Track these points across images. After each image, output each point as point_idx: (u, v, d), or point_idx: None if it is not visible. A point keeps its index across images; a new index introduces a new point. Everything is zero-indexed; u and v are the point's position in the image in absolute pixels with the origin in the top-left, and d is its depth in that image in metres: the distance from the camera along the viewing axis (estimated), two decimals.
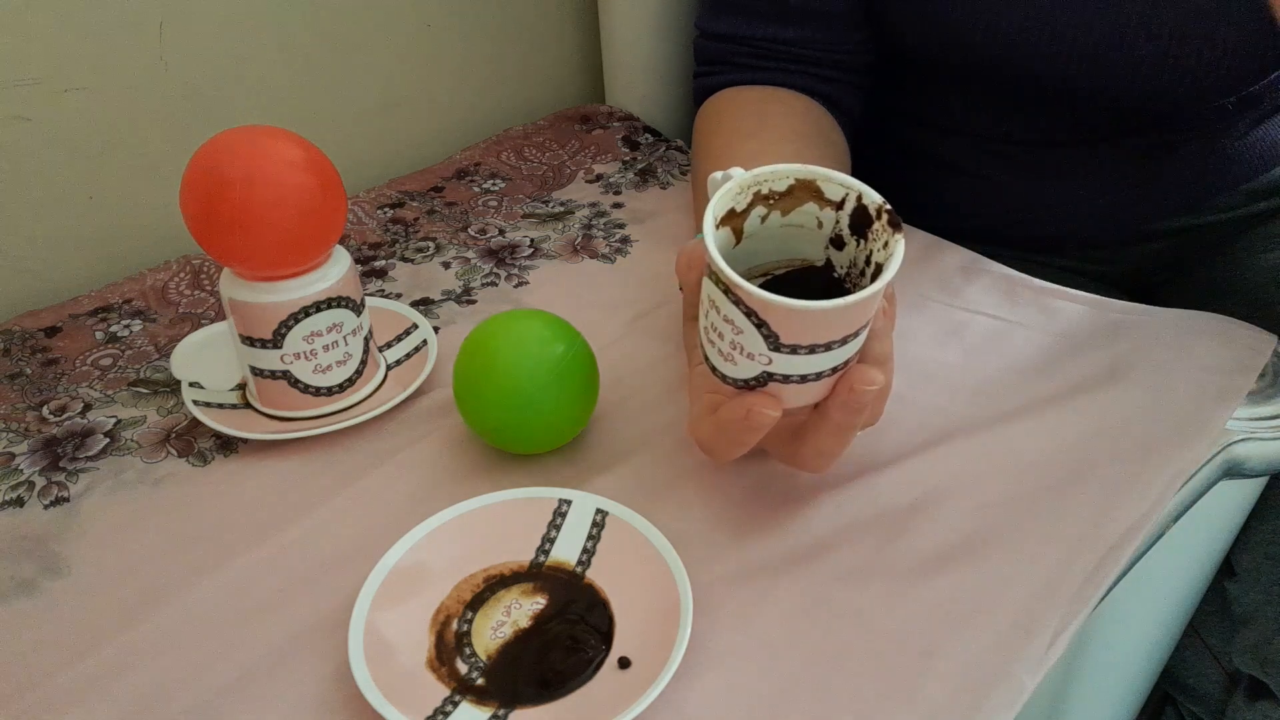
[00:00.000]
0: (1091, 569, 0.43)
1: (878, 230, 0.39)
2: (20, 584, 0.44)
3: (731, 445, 0.41)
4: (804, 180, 0.40)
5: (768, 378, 0.39)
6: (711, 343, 0.40)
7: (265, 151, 0.46)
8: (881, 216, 0.39)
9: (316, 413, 0.51)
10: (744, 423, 0.39)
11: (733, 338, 0.38)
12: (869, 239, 0.40)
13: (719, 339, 0.39)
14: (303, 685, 0.39)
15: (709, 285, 0.39)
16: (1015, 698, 0.38)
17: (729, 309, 0.37)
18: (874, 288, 0.36)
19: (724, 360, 0.39)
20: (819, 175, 0.40)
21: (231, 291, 0.48)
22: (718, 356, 0.40)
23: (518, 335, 0.47)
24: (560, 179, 0.75)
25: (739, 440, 0.40)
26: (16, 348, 0.58)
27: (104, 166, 0.64)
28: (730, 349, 0.39)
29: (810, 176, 0.40)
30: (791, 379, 0.38)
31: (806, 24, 0.64)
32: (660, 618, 0.40)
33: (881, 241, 0.39)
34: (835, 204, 0.40)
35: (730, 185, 0.39)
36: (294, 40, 0.70)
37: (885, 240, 0.39)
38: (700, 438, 0.42)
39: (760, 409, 0.38)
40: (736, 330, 0.38)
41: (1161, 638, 0.67)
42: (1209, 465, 0.48)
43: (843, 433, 0.40)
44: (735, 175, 0.40)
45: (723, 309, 0.38)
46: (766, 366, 0.38)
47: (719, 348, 0.39)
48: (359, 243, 0.67)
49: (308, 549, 0.45)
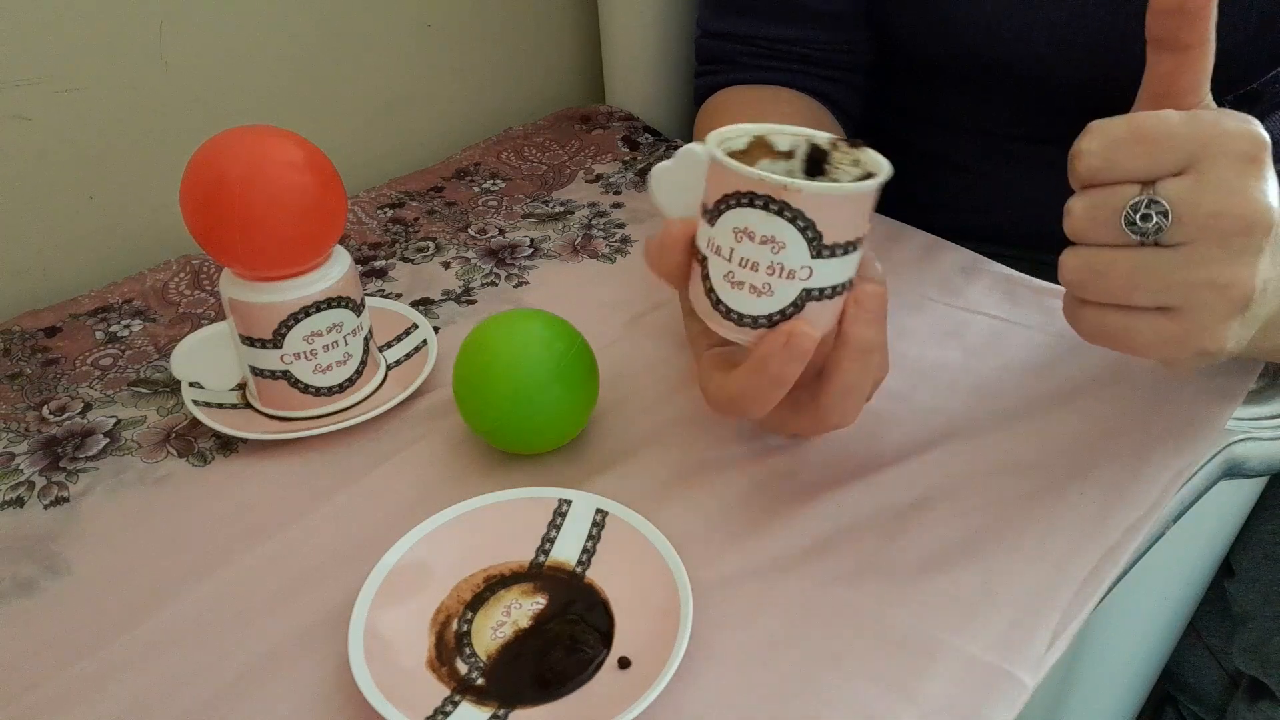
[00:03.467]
0: (1091, 569, 0.43)
1: (837, 158, 0.42)
2: (20, 584, 0.44)
3: (770, 388, 0.40)
4: (758, 137, 0.42)
5: (805, 296, 0.39)
6: (739, 284, 0.39)
7: (265, 151, 0.46)
8: (837, 146, 0.42)
9: (316, 413, 0.51)
10: (785, 351, 0.38)
11: (771, 259, 0.38)
12: (829, 172, 0.42)
13: (751, 272, 0.39)
14: (303, 685, 0.39)
15: (732, 218, 0.38)
16: (1016, 697, 0.38)
17: (768, 225, 0.37)
18: (882, 177, 0.39)
19: (756, 295, 0.39)
20: (770, 130, 0.42)
21: (231, 291, 0.48)
22: (748, 294, 0.39)
23: (518, 335, 0.47)
24: (560, 179, 0.75)
25: (779, 378, 0.39)
26: (16, 348, 0.58)
27: (104, 166, 0.64)
28: (767, 275, 0.38)
29: (762, 132, 0.42)
30: (825, 293, 0.39)
31: (808, 23, 0.64)
32: (660, 618, 0.40)
33: (850, 160, 0.41)
34: (787, 154, 0.43)
35: (707, 141, 0.40)
36: (294, 40, 0.70)
37: (854, 158, 0.41)
38: (727, 396, 0.41)
39: (801, 329, 0.38)
40: (777, 247, 0.38)
41: (1161, 637, 0.67)
42: (1209, 465, 0.48)
43: (866, 357, 0.40)
44: (697, 147, 0.41)
45: (759, 230, 0.38)
46: (806, 281, 0.38)
47: (750, 283, 0.39)
48: (359, 243, 0.67)
49: (308, 549, 0.45)
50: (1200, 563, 0.63)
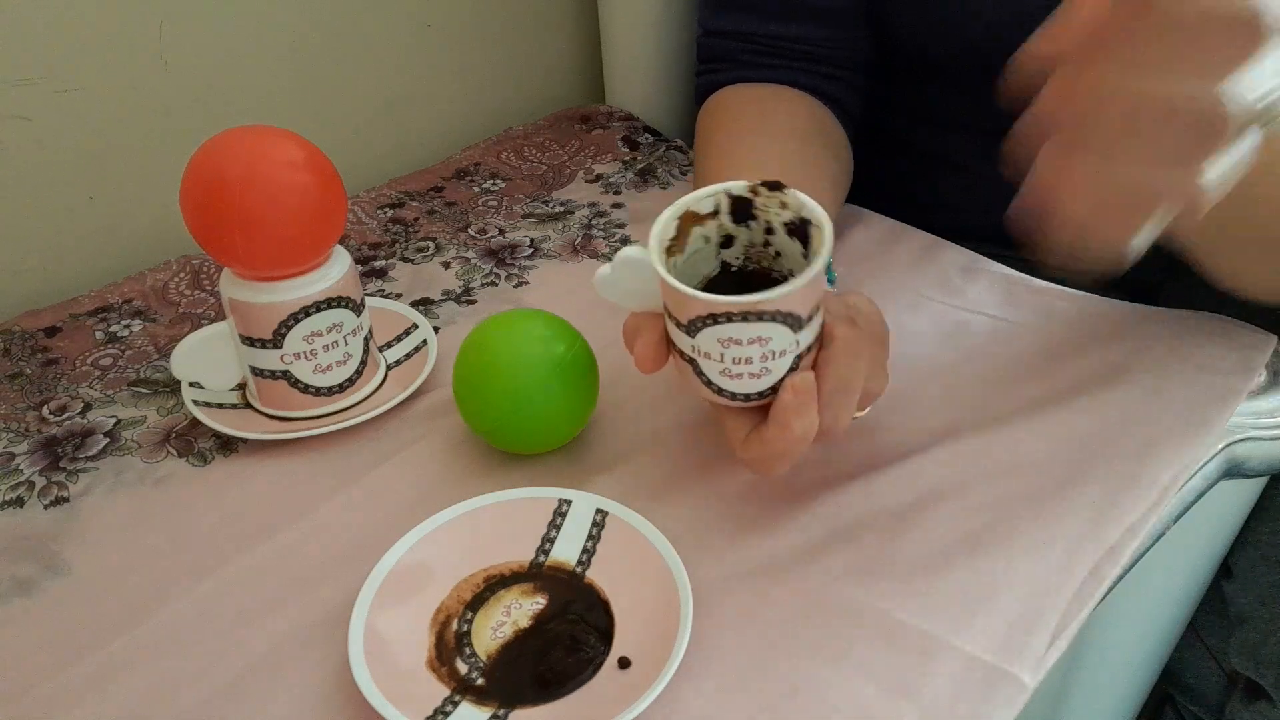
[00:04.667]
0: (1091, 568, 0.43)
1: (761, 202, 0.43)
2: (20, 584, 0.44)
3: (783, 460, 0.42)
4: (682, 215, 0.43)
5: (797, 359, 0.41)
6: (737, 375, 0.41)
7: (265, 151, 0.46)
8: (757, 192, 0.42)
9: (316, 413, 0.51)
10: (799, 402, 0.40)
11: (762, 350, 0.40)
12: (758, 215, 0.43)
13: (746, 364, 0.41)
14: (303, 685, 0.39)
15: (714, 333, 0.40)
16: (1016, 697, 0.38)
17: (752, 330, 0.39)
18: (826, 250, 0.40)
19: (755, 378, 0.41)
20: (689, 202, 0.43)
21: (231, 291, 0.48)
22: (747, 379, 0.41)
23: (518, 335, 0.47)
24: (560, 179, 0.75)
25: (790, 455, 0.42)
26: (16, 348, 0.58)
27: (104, 166, 0.64)
28: (762, 362, 0.40)
29: (683, 209, 0.43)
30: (811, 345, 0.41)
31: (809, 21, 0.64)
32: (660, 618, 0.40)
33: (777, 202, 0.42)
34: (711, 215, 0.44)
35: (649, 254, 0.41)
36: (294, 40, 0.70)
37: (780, 200, 0.42)
38: (754, 457, 0.43)
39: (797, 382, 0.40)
40: (764, 340, 0.40)
41: (1161, 638, 0.67)
42: (1209, 465, 0.48)
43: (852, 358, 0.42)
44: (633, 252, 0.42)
45: (745, 335, 0.40)
46: (796, 349, 0.41)
47: (748, 372, 0.41)
48: (359, 243, 0.67)
49: (308, 549, 0.45)
50: (1200, 563, 0.63)
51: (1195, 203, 0.34)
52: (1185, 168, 0.33)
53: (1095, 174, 0.34)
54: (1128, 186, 0.34)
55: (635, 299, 0.43)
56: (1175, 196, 0.34)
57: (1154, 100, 0.32)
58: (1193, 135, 0.32)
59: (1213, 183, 0.33)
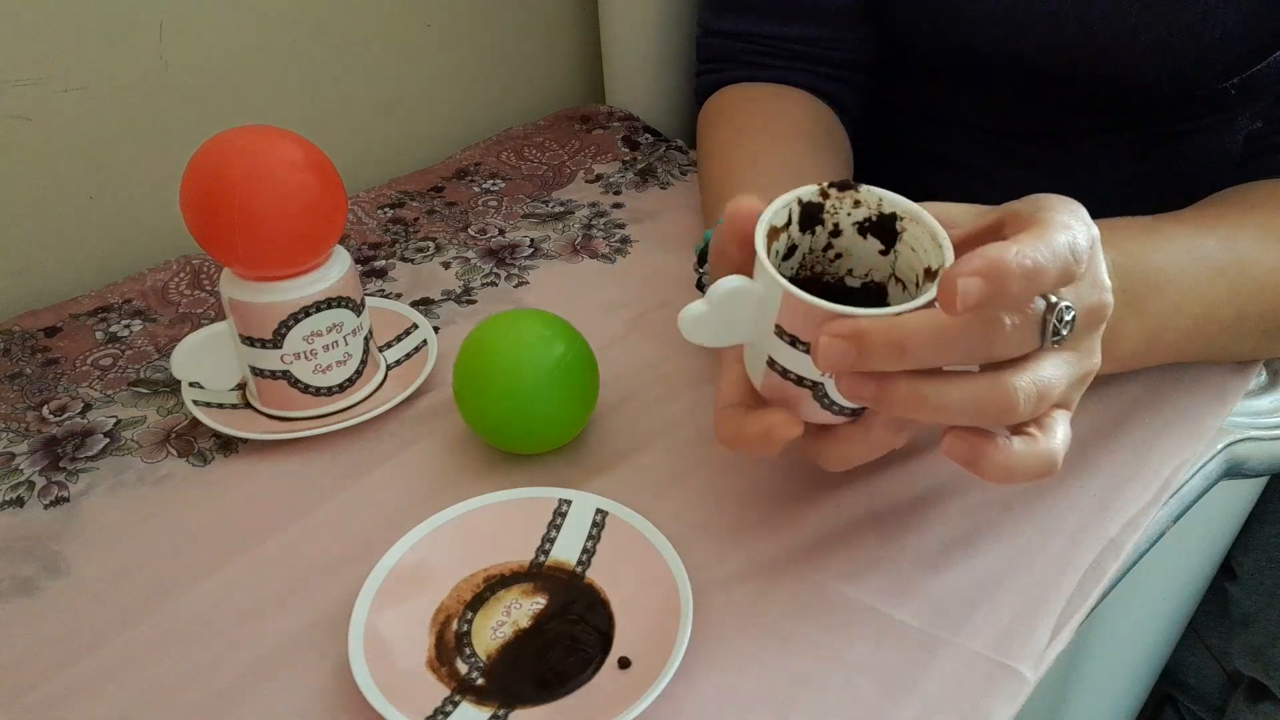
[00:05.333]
0: (1092, 562, 0.43)
1: (831, 205, 0.40)
2: (20, 584, 0.44)
3: (753, 451, 0.41)
4: (769, 230, 0.39)
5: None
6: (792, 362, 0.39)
7: (265, 151, 0.46)
8: (827, 194, 0.40)
9: (316, 413, 0.51)
10: (764, 438, 0.39)
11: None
12: (825, 219, 0.41)
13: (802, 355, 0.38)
14: (303, 685, 0.39)
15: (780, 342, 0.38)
16: (1017, 692, 0.38)
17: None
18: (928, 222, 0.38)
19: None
20: (769, 218, 0.39)
21: (231, 291, 0.48)
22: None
23: (518, 335, 0.47)
24: (560, 179, 0.75)
25: (758, 450, 0.40)
26: (16, 348, 0.58)
27: (104, 166, 0.64)
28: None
29: (767, 223, 0.39)
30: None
31: (810, 21, 0.64)
32: (660, 618, 0.40)
33: (849, 203, 0.40)
34: (785, 226, 0.40)
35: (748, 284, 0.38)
36: (294, 40, 0.70)
37: (853, 199, 0.40)
38: (724, 438, 0.42)
39: (780, 430, 0.39)
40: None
41: (1161, 637, 0.68)
42: (1209, 465, 0.48)
43: (879, 448, 0.40)
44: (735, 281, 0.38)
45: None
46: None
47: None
48: (359, 243, 0.67)
49: (308, 549, 0.45)
50: (1200, 563, 0.63)
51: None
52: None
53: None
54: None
55: (725, 334, 0.39)
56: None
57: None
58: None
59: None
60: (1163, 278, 0.45)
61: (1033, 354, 0.36)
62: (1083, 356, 0.38)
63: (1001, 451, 0.36)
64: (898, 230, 0.40)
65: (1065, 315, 0.36)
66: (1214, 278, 0.46)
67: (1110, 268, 0.42)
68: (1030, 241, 0.34)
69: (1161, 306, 0.45)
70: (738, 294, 0.38)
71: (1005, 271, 0.33)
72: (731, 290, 0.38)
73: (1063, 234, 0.35)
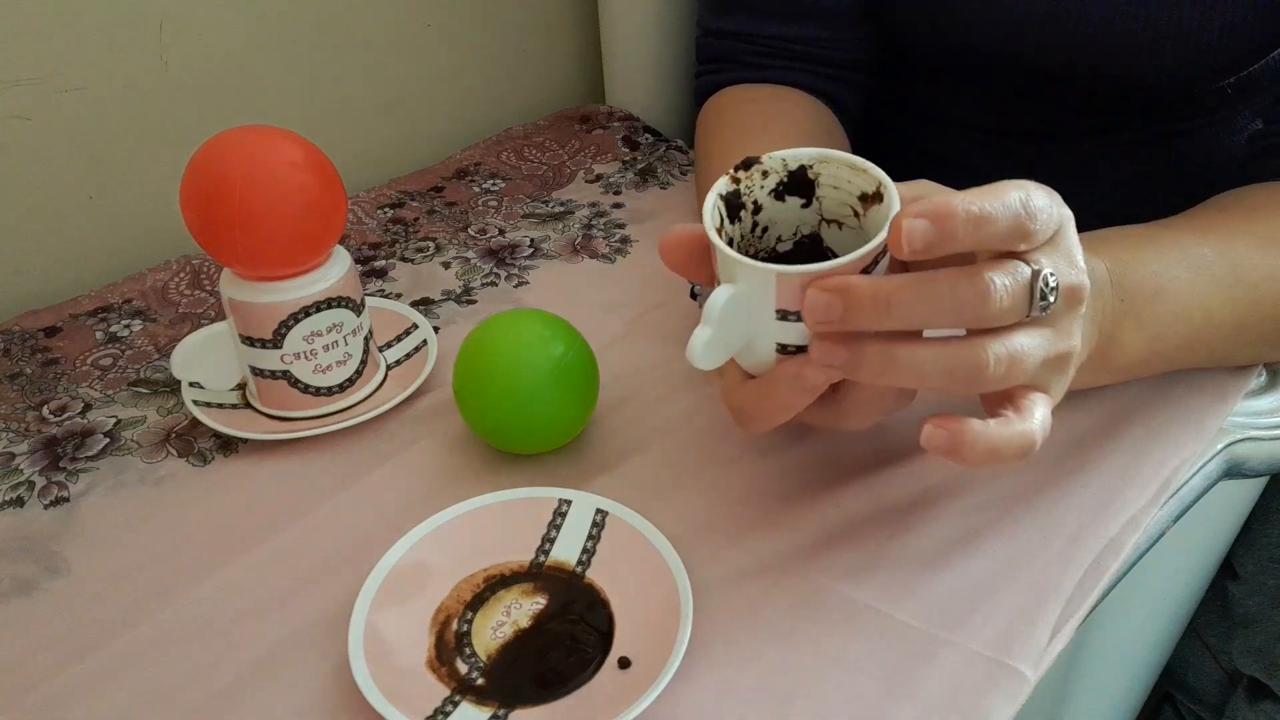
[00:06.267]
0: (1092, 561, 0.43)
1: (745, 186, 0.41)
2: (20, 584, 0.44)
3: (775, 411, 0.40)
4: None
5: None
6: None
7: (265, 151, 0.46)
8: (737, 179, 0.41)
9: (316, 413, 0.51)
10: (795, 382, 0.38)
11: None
12: (744, 201, 0.42)
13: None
14: (303, 685, 0.39)
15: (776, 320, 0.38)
16: (1017, 690, 0.38)
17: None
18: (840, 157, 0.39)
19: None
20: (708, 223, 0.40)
21: (231, 291, 0.48)
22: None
23: (518, 335, 0.47)
24: (560, 179, 0.75)
25: (784, 404, 0.39)
26: (16, 348, 0.58)
27: (104, 166, 0.64)
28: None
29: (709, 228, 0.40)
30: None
31: (810, 21, 0.64)
32: (660, 618, 0.40)
33: (758, 175, 0.41)
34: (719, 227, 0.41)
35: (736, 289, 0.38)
36: (294, 40, 0.70)
37: (760, 170, 0.41)
38: (736, 405, 0.41)
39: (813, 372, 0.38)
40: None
41: (1161, 637, 0.68)
42: (1209, 465, 0.48)
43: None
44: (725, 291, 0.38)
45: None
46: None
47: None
48: (359, 243, 0.67)
49: (308, 549, 0.45)
50: (1200, 563, 0.63)
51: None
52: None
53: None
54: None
55: (729, 346, 0.39)
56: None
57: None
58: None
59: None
60: (1160, 285, 0.45)
61: (1009, 326, 0.36)
62: (1059, 335, 0.38)
63: (980, 434, 0.36)
64: (811, 179, 0.41)
65: (1050, 281, 0.36)
66: (1212, 285, 0.46)
67: (1107, 278, 0.43)
68: (979, 192, 0.35)
69: (1160, 314, 0.45)
70: (732, 301, 0.38)
71: (950, 214, 0.34)
72: (728, 299, 0.38)
73: (1015, 191, 0.35)
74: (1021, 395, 0.38)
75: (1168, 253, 0.46)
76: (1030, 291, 0.36)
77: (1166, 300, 0.45)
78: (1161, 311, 0.45)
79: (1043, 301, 0.36)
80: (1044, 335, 0.37)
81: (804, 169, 0.41)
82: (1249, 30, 0.53)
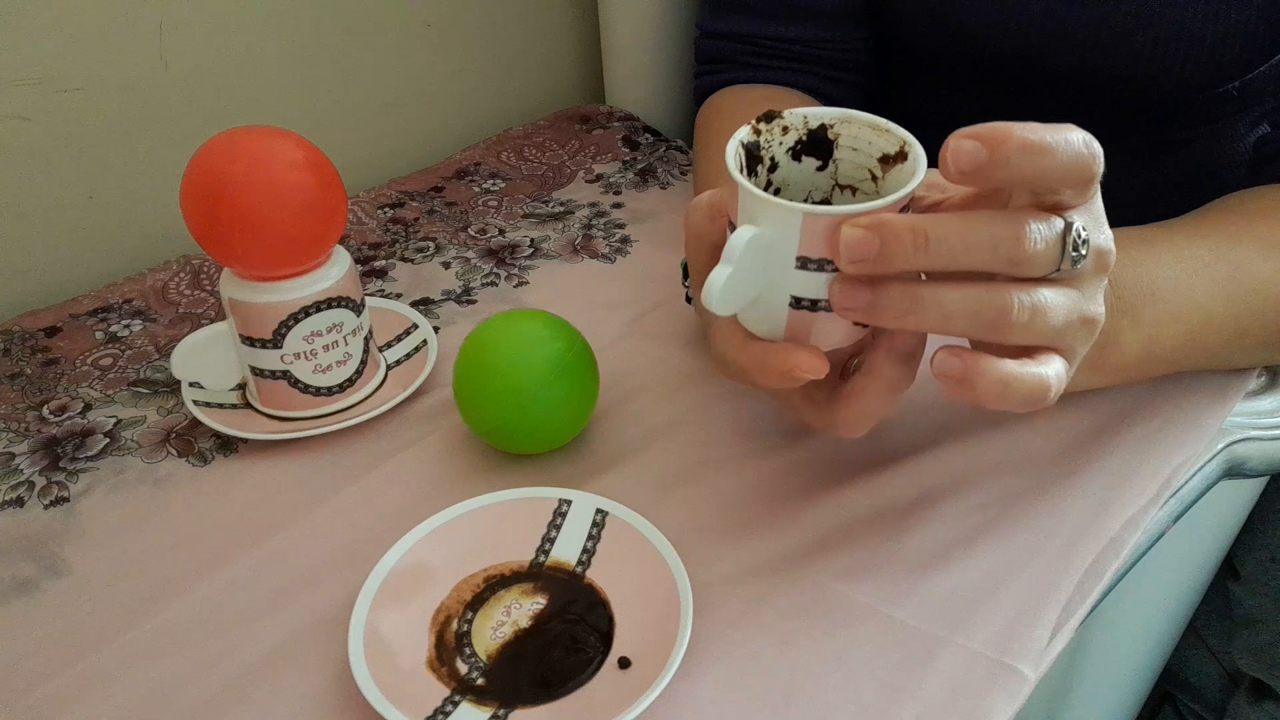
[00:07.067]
0: (1092, 561, 0.43)
1: (765, 139, 0.40)
2: (20, 584, 0.44)
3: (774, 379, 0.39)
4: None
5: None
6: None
7: (265, 151, 0.46)
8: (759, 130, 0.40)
9: (316, 413, 0.51)
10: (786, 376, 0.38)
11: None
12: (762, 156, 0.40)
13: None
14: (303, 685, 0.39)
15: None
16: (1018, 690, 0.38)
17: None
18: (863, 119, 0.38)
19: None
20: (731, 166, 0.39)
21: (231, 291, 0.48)
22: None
23: (518, 335, 0.47)
24: (560, 179, 0.75)
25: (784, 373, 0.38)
26: (16, 348, 0.58)
27: (104, 166, 0.64)
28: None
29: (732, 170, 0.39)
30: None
31: (809, 22, 0.64)
32: (660, 618, 0.40)
33: (779, 130, 0.40)
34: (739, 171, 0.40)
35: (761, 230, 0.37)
36: (294, 40, 0.70)
37: (781, 125, 0.40)
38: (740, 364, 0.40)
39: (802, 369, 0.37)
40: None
41: (1162, 636, 0.68)
42: (1209, 465, 0.48)
43: (891, 392, 0.39)
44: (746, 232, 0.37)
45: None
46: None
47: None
48: (359, 243, 0.67)
49: (308, 549, 0.45)
50: (1200, 563, 0.63)
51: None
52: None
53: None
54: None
55: (745, 292, 0.37)
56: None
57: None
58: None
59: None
60: (1158, 286, 0.45)
61: (1037, 279, 0.36)
62: (1085, 298, 0.37)
63: (993, 365, 0.35)
64: (830, 139, 0.40)
65: (1082, 235, 0.35)
66: (1211, 287, 0.46)
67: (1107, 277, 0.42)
68: (1040, 126, 0.33)
69: (1158, 314, 0.45)
70: (754, 242, 0.36)
71: (1006, 137, 0.32)
72: (750, 239, 0.36)
73: (1077, 133, 0.34)
74: (1040, 351, 0.37)
75: (1166, 254, 0.46)
76: (1063, 242, 0.35)
77: (1164, 300, 0.45)
78: (1159, 312, 0.45)
79: (1074, 253, 0.35)
80: (1070, 294, 0.36)
81: (824, 127, 0.40)
82: (1254, 34, 0.53)
